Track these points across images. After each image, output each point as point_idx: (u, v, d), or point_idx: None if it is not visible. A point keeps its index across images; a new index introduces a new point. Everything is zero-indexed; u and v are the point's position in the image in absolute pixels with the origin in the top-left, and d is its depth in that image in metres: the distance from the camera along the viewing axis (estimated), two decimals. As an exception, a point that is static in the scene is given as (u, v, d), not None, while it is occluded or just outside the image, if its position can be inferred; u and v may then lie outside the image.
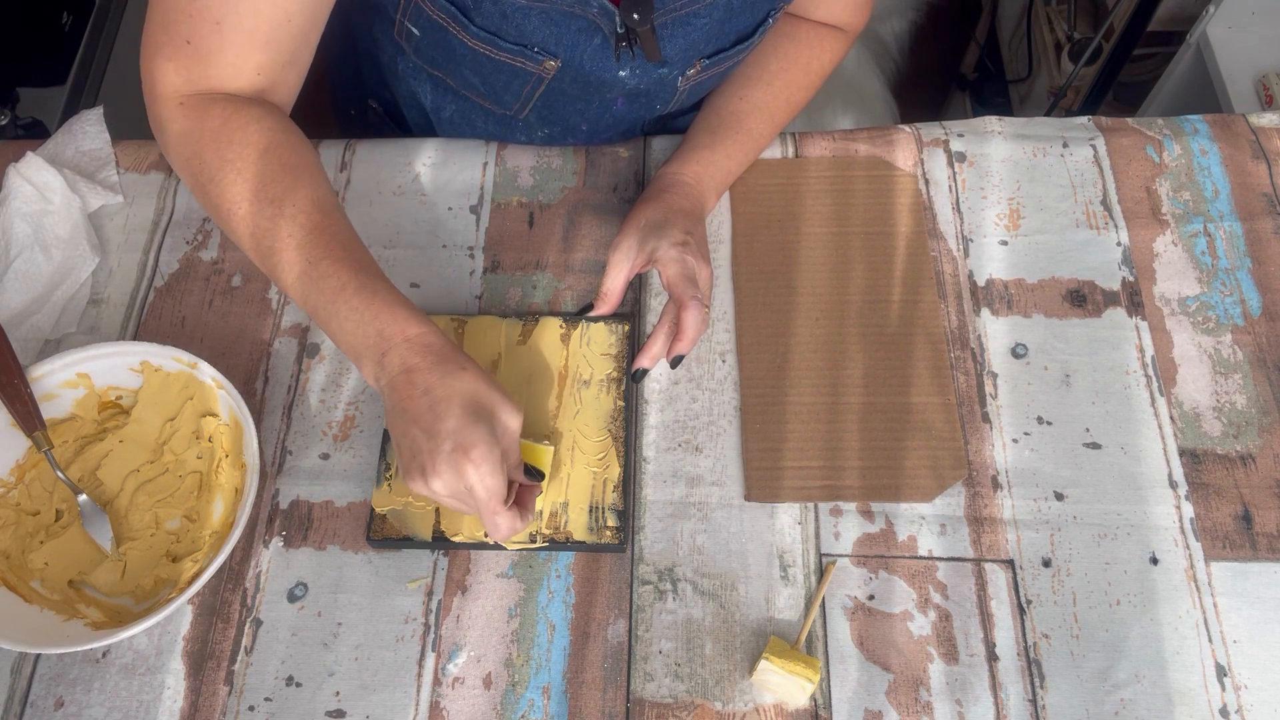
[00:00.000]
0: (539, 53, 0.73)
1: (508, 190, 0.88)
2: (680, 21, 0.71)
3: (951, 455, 0.75)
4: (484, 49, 0.73)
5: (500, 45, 0.72)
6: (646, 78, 0.76)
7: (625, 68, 0.74)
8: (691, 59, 0.76)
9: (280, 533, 0.73)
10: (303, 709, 0.67)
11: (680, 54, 0.74)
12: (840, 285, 0.82)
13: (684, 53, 0.74)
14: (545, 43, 0.72)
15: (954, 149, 0.89)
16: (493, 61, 0.74)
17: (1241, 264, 0.83)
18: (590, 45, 0.72)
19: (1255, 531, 0.72)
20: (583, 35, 0.71)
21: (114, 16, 1.55)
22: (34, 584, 0.70)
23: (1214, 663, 0.68)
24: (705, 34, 0.73)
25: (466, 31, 0.72)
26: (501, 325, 0.80)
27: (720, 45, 0.76)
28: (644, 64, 0.74)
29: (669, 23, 0.71)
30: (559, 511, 0.72)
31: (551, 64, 0.74)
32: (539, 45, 0.72)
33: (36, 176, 0.83)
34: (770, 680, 0.66)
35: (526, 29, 0.70)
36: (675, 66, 0.76)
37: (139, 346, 0.75)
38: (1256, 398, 0.77)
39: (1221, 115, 0.90)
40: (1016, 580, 0.71)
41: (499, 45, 0.72)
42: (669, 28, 0.72)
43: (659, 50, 0.72)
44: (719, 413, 0.77)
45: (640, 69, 0.75)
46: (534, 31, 0.71)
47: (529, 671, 0.68)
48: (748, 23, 0.75)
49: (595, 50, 0.73)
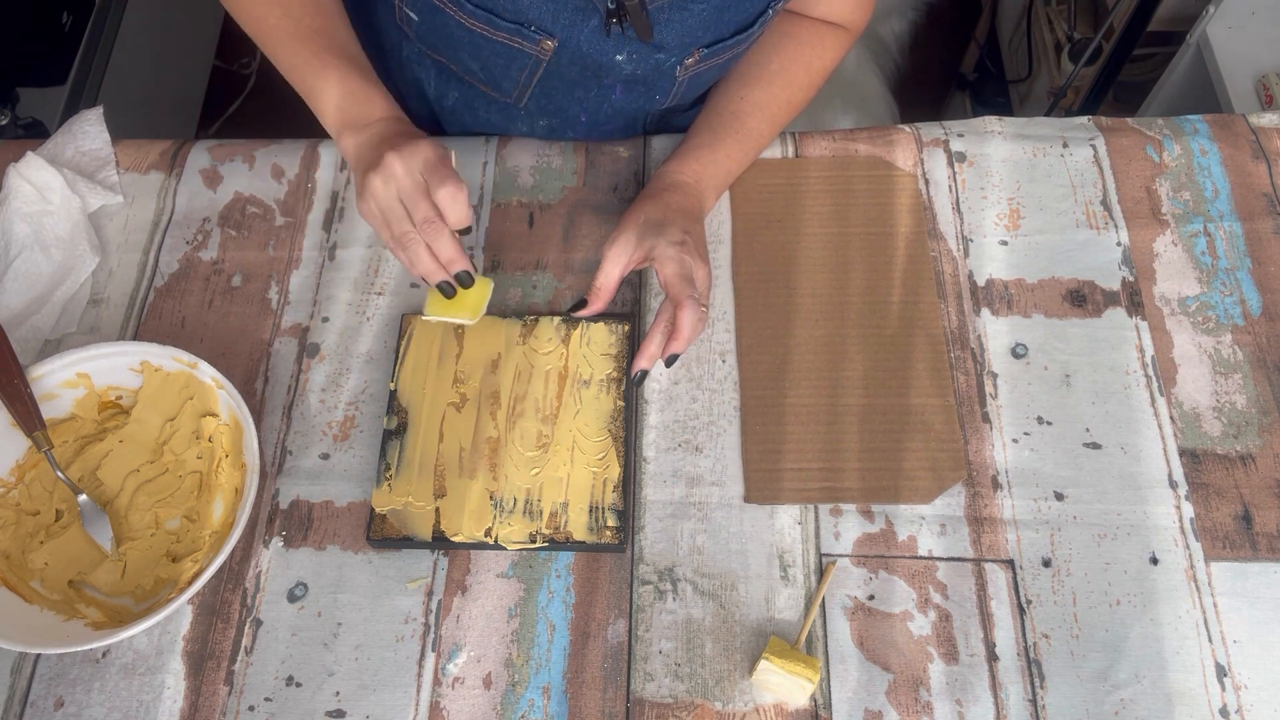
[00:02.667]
0: (535, 31, 0.73)
1: (508, 190, 0.88)
2: (677, 6, 0.72)
3: (951, 456, 0.75)
4: (481, 28, 0.73)
5: (497, 24, 0.73)
6: (644, 63, 0.76)
7: (622, 51, 0.74)
8: (689, 47, 0.76)
9: (280, 533, 0.73)
10: (303, 709, 0.67)
11: (677, 40, 0.74)
12: (840, 285, 0.82)
13: (681, 39, 0.74)
14: (542, 20, 0.72)
15: (954, 149, 0.89)
16: (490, 43, 0.75)
17: (1241, 264, 0.83)
18: (587, 26, 0.72)
19: (1255, 531, 0.72)
20: (579, 15, 0.72)
21: (114, 16, 1.56)
22: (34, 584, 0.70)
23: (1214, 663, 0.68)
24: (702, 21, 0.73)
25: (463, 10, 0.72)
26: (501, 325, 0.80)
27: (719, 35, 0.76)
28: (641, 48, 0.74)
29: (665, 6, 0.71)
30: (559, 511, 0.72)
31: (549, 44, 0.74)
32: (535, 23, 0.72)
33: (36, 176, 0.83)
34: (770, 680, 0.66)
35: (522, 5, 0.71)
36: (672, 53, 0.76)
37: (139, 346, 0.75)
38: (1256, 398, 0.77)
39: (1221, 115, 0.90)
40: (1016, 580, 0.71)
41: (495, 24, 0.73)
42: (665, 12, 0.72)
43: (650, 29, 0.72)
44: (719, 413, 0.77)
45: (637, 53, 0.75)
46: (530, 8, 0.71)
47: (529, 671, 0.68)
48: (746, 13, 0.75)
49: (592, 31, 0.73)
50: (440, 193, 0.68)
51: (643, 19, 0.70)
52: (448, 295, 0.73)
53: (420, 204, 0.69)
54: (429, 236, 0.69)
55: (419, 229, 0.69)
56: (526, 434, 0.75)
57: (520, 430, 0.75)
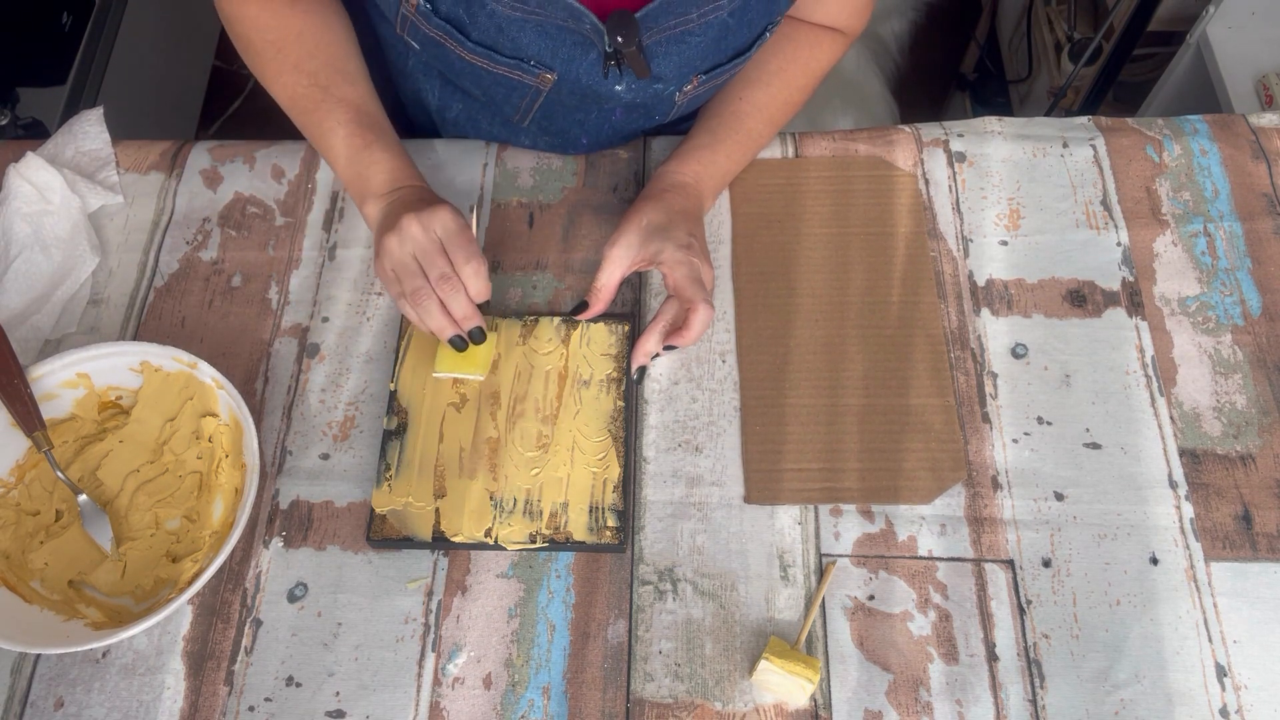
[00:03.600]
0: (535, 66, 0.73)
1: (508, 190, 0.88)
2: (674, 40, 0.71)
3: (951, 457, 0.75)
4: (481, 62, 0.73)
5: (497, 59, 0.73)
6: (643, 93, 0.76)
7: (620, 83, 0.74)
8: (688, 75, 0.76)
9: (280, 533, 0.73)
10: (303, 709, 0.67)
11: (675, 71, 0.74)
12: (840, 286, 0.82)
13: (679, 70, 0.74)
14: (541, 56, 0.72)
15: (954, 149, 0.89)
16: (491, 74, 0.75)
17: (1241, 264, 0.83)
18: (585, 60, 0.72)
19: (1255, 531, 0.72)
20: (578, 50, 0.72)
21: (114, 16, 1.56)
22: (34, 584, 0.70)
23: (1214, 663, 0.68)
24: (700, 51, 0.73)
25: (463, 46, 0.72)
26: (501, 325, 0.80)
27: (716, 61, 0.76)
28: (639, 80, 0.74)
29: (662, 40, 0.71)
30: (559, 511, 0.72)
31: (549, 77, 0.74)
32: (535, 59, 0.72)
33: (36, 176, 0.83)
34: (770, 680, 0.66)
35: (522, 42, 0.71)
36: (671, 83, 0.76)
37: (139, 346, 0.75)
38: (1256, 398, 0.77)
39: (1221, 115, 0.90)
40: (1016, 580, 0.71)
41: (496, 59, 0.73)
42: (662, 45, 0.72)
43: (648, 69, 0.72)
44: (719, 413, 0.77)
45: (636, 84, 0.75)
46: (530, 45, 0.71)
47: (529, 672, 0.68)
48: (744, 39, 0.75)
49: (591, 65, 0.73)
50: (465, 270, 0.71)
51: (640, 61, 0.70)
52: (459, 349, 0.74)
53: (436, 261, 0.71)
54: (445, 293, 0.71)
55: (435, 285, 0.71)
56: (526, 434, 0.75)
57: (520, 430, 0.75)
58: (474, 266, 0.71)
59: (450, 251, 0.71)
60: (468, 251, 0.71)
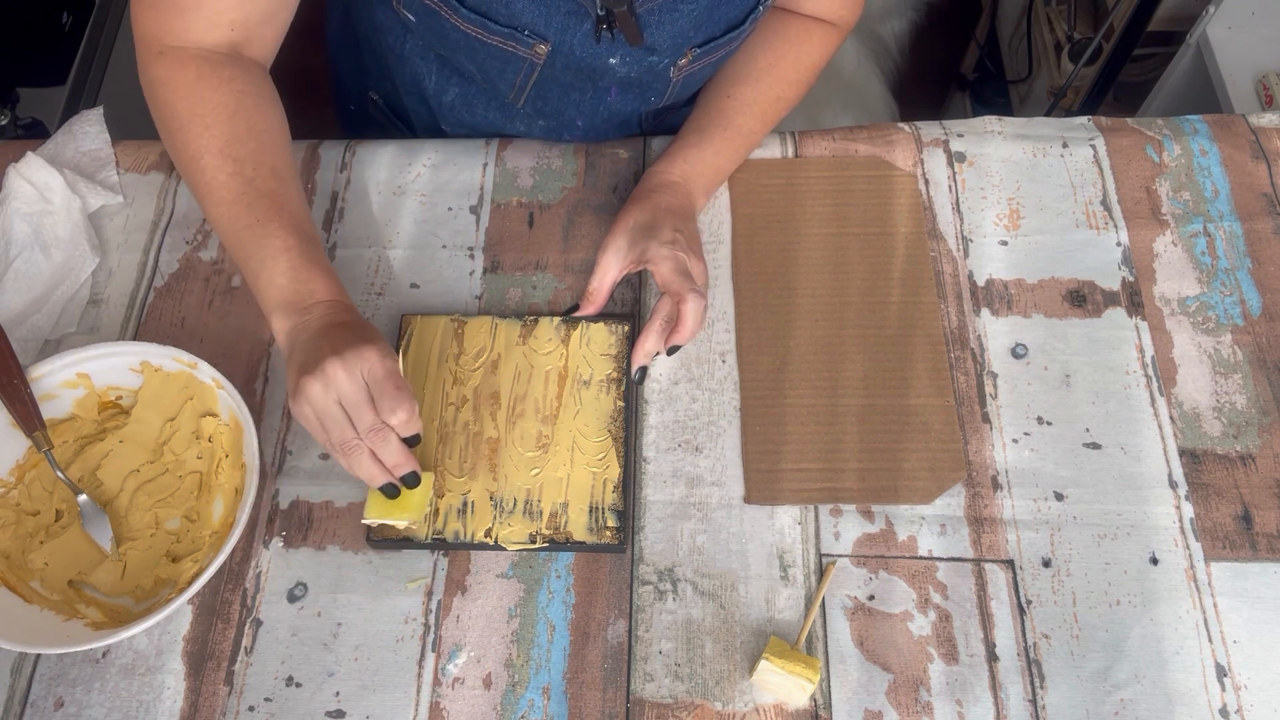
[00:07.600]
0: (529, 35, 0.73)
1: (507, 190, 0.88)
2: (666, 8, 0.72)
3: (950, 457, 0.75)
4: (475, 31, 0.74)
5: (491, 28, 0.73)
6: (637, 65, 0.76)
7: (615, 54, 0.74)
8: (682, 47, 0.76)
9: (280, 533, 0.73)
10: (303, 709, 0.67)
11: (669, 42, 0.74)
12: (840, 286, 0.82)
13: (673, 40, 0.74)
14: (534, 25, 0.72)
15: (954, 149, 0.89)
16: (485, 46, 0.75)
17: (1241, 264, 0.83)
18: (580, 30, 0.73)
19: (1255, 531, 0.72)
20: (572, 19, 0.72)
21: (114, 16, 1.55)
22: (34, 584, 0.70)
23: (1214, 663, 0.68)
24: (693, 21, 0.73)
25: (457, 14, 0.73)
26: (501, 325, 0.80)
27: (711, 33, 0.76)
28: (634, 51, 0.74)
29: (655, 9, 0.71)
30: (559, 512, 0.72)
31: (542, 48, 0.74)
32: (528, 28, 0.72)
33: (36, 177, 0.83)
34: (770, 680, 0.66)
35: (515, 9, 0.71)
36: (665, 55, 0.76)
37: (139, 346, 0.75)
38: (1256, 398, 0.77)
39: (1221, 115, 0.90)
40: (1016, 580, 0.71)
41: (489, 28, 0.73)
42: (655, 14, 0.72)
43: (640, 34, 0.72)
44: (719, 413, 0.77)
45: (630, 56, 0.75)
46: (523, 12, 0.71)
47: (529, 672, 0.68)
48: (737, 10, 0.75)
49: (585, 35, 0.73)
50: (394, 420, 0.65)
51: (632, 24, 0.70)
52: (391, 496, 0.69)
53: (365, 413, 0.65)
54: (375, 444, 0.66)
55: (364, 437, 0.65)
56: (526, 434, 0.75)
57: (520, 430, 0.75)
58: (402, 417, 0.65)
59: (377, 400, 0.65)
60: (395, 399, 0.65)
